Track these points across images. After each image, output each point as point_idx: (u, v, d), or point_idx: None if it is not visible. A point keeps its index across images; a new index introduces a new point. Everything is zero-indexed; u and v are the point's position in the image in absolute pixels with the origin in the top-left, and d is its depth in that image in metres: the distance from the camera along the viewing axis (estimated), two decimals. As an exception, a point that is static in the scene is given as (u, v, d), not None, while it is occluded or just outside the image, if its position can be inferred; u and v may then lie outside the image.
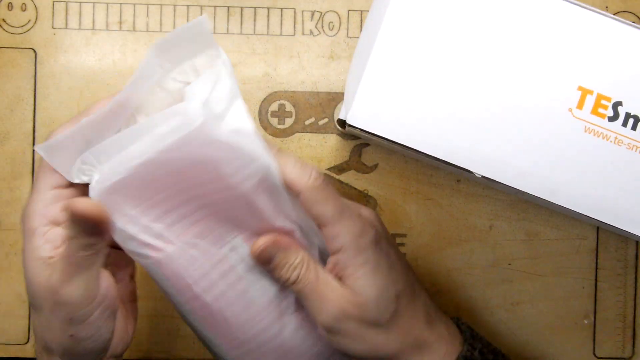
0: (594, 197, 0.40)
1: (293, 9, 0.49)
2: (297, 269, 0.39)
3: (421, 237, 0.49)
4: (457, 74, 0.40)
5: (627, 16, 0.48)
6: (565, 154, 0.40)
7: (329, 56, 0.49)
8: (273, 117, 0.49)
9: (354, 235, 0.38)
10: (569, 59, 0.40)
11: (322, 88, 0.49)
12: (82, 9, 0.49)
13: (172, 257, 0.38)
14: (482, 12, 0.40)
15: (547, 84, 0.40)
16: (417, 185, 0.49)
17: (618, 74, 0.40)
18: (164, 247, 0.38)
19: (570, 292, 0.49)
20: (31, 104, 0.49)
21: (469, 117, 0.40)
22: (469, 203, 0.49)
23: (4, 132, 0.49)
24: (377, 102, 0.40)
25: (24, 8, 0.49)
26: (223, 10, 0.49)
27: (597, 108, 0.40)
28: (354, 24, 0.49)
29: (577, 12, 0.40)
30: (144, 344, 0.49)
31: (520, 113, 0.40)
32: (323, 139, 0.49)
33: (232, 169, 0.37)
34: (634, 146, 0.40)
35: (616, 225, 0.40)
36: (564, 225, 0.49)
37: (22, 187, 0.49)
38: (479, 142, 0.40)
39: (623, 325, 0.50)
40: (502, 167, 0.40)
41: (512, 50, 0.40)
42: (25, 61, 0.49)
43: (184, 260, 0.38)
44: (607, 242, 0.50)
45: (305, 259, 0.39)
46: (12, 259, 0.49)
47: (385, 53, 0.40)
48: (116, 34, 0.49)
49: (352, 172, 0.50)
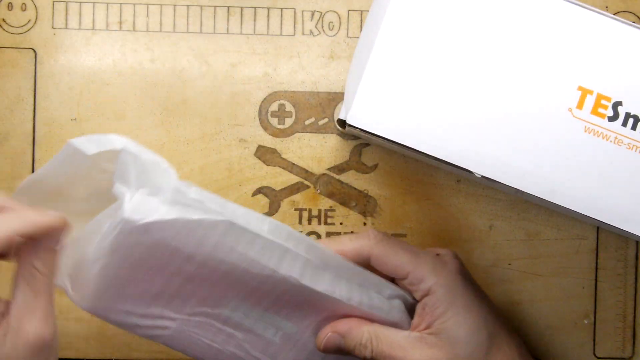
0: (594, 197, 0.40)
1: (293, 9, 0.49)
2: (367, 346, 0.39)
3: (421, 237, 0.49)
4: (457, 74, 0.40)
5: (627, 16, 0.48)
6: (565, 153, 0.40)
7: (329, 56, 0.49)
8: (273, 117, 0.49)
9: (438, 273, 0.38)
10: (569, 59, 0.40)
11: (322, 88, 0.49)
12: (82, 9, 0.49)
13: (179, 330, 0.39)
14: (482, 12, 0.40)
15: (547, 83, 0.40)
16: (417, 185, 0.49)
17: (618, 74, 0.40)
18: (170, 324, 0.39)
19: (570, 292, 0.49)
20: (31, 104, 0.49)
21: (469, 117, 0.40)
22: (469, 203, 0.49)
23: (4, 132, 0.49)
24: (377, 102, 0.40)
25: (24, 8, 0.49)
26: (223, 10, 0.49)
27: (597, 108, 0.40)
28: (354, 24, 0.49)
29: (577, 12, 0.40)
30: (144, 344, 0.49)
31: (520, 113, 0.40)
32: (323, 139, 0.49)
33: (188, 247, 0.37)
34: (634, 146, 0.40)
35: (616, 225, 0.40)
36: (564, 225, 0.49)
37: (22, 187, 0.49)
38: (479, 142, 0.40)
39: (623, 325, 0.50)
40: (502, 167, 0.40)
41: (512, 50, 0.40)
42: (25, 61, 0.49)
43: (191, 330, 0.40)
44: (607, 242, 0.50)
45: (372, 333, 0.39)
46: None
47: (385, 53, 0.40)
48: (116, 34, 0.49)
49: (352, 172, 0.50)
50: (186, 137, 0.49)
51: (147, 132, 0.49)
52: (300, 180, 0.50)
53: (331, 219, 0.50)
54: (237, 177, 0.49)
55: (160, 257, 0.36)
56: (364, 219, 0.50)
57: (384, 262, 0.39)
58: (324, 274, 0.39)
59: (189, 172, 0.49)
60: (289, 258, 0.38)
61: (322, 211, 0.50)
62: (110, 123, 0.49)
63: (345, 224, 0.50)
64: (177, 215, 0.35)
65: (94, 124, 0.49)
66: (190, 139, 0.49)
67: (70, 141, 0.36)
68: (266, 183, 0.50)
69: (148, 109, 0.49)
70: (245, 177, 0.49)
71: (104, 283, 0.37)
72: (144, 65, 0.49)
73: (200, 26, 0.49)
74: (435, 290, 0.38)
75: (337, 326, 0.39)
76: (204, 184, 0.49)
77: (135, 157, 0.35)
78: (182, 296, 0.39)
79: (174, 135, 0.49)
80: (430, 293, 0.38)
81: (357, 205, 0.50)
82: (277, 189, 0.50)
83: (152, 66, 0.49)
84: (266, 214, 0.50)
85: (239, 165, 0.49)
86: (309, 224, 0.50)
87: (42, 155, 0.49)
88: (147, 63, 0.49)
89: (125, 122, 0.49)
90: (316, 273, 0.39)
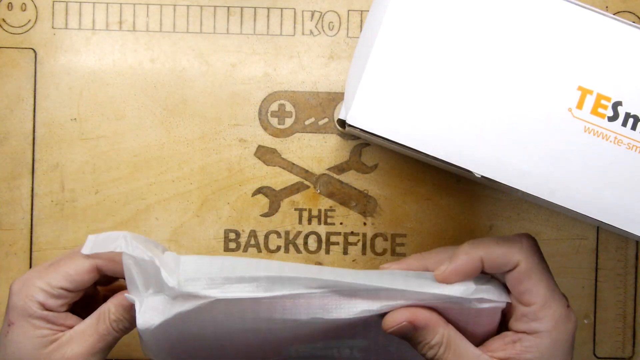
0: (594, 197, 0.40)
1: (293, 9, 0.49)
2: (433, 349, 0.37)
3: (421, 237, 0.49)
4: (457, 74, 0.40)
5: (627, 16, 0.48)
6: (565, 154, 0.40)
7: (329, 56, 0.49)
8: (273, 117, 0.49)
9: (559, 329, 0.36)
10: (569, 59, 0.40)
11: (322, 88, 0.49)
12: (82, 9, 0.49)
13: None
14: (482, 12, 0.40)
15: (547, 83, 0.40)
16: (417, 185, 0.49)
17: (618, 74, 0.40)
18: None
19: (570, 292, 0.49)
20: (31, 104, 0.49)
21: (468, 117, 0.40)
22: (469, 203, 0.49)
23: (4, 132, 0.49)
24: (377, 102, 0.40)
25: (24, 8, 0.49)
26: (223, 10, 0.49)
27: (597, 108, 0.40)
28: (354, 24, 0.49)
29: (577, 12, 0.40)
30: (144, 344, 0.50)
31: (520, 113, 0.40)
32: (323, 139, 0.49)
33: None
34: (633, 146, 0.40)
35: (616, 225, 0.40)
36: (564, 225, 0.49)
37: (22, 187, 0.49)
38: (479, 142, 0.40)
39: (623, 325, 0.50)
40: (502, 167, 0.40)
41: (512, 50, 0.40)
42: (25, 61, 0.49)
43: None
44: (607, 242, 0.49)
45: (445, 338, 0.37)
46: (12, 259, 0.49)
47: (385, 53, 0.40)
48: (116, 34, 0.49)
49: (352, 172, 0.50)
50: (186, 137, 0.49)
51: (147, 132, 0.49)
52: (300, 180, 0.50)
53: (331, 219, 0.50)
54: (237, 177, 0.49)
55: (187, 342, 0.40)
56: (364, 219, 0.50)
57: (519, 281, 0.36)
58: (350, 297, 0.39)
59: (189, 172, 0.49)
60: (302, 301, 0.38)
61: (322, 211, 0.50)
62: (110, 123, 0.49)
63: (345, 224, 0.50)
64: (178, 310, 0.38)
65: (94, 124, 0.49)
66: (190, 139, 0.49)
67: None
68: (266, 183, 0.50)
69: (148, 109, 0.49)
70: (245, 177, 0.49)
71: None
72: (144, 65, 0.49)
73: (200, 26, 0.49)
74: (544, 338, 0.36)
75: (415, 316, 0.37)
76: (204, 183, 0.49)
77: (135, 260, 0.38)
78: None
79: (174, 135, 0.49)
80: (538, 335, 0.36)
81: (357, 205, 0.50)
82: (277, 189, 0.50)
83: (152, 66, 0.49)
84: (266, 214, 0.50)
85: (239, 165, 0.49)
86: (309, 224, 0.50)
87: (42, 156, 0.49)
88: (147, 63, 0.49)
89: (125, 122, 0.49)
90: (342, 300, 0.38)
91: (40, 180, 0.49)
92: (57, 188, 0.49)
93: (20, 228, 0.49)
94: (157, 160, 0.49)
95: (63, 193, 0.49)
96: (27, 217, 0.49)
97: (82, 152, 0.49)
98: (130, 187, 0.49)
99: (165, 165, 0.49)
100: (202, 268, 0.38)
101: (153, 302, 0.38)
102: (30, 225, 0.49)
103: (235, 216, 0.50)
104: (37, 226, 0.49)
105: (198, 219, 0.49)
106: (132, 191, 0.49)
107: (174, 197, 0.49)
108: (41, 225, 0.49)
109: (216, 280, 0.38)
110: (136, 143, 0.49)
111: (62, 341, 0.39)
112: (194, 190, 0.49)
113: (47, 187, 0.49)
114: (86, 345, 0.39)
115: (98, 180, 0.49)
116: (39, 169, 0.49)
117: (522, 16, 0.40)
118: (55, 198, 0.49)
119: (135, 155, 0.49)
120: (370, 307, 0.38)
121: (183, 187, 0.49)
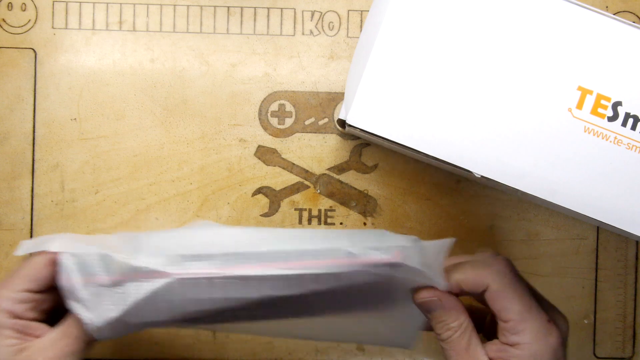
0: (594, 197, 0.40)
1: (293, 9, 0.49)
2: (450, 331, 0.40)
3: (421, 237, 0.49)
4: (457, 74, 0.40)
5: (627, 16, 0.48)
6: (565, 154, 0.40)
7: (329, 56, 0.49)
8: (273, 117, 0.49)
9: (540, 341, 0.38)
10: (569, 59, 0.40)
11: (322, 88, 0.49)
12: (82, 9, 0.49)
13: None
14: (482, 12, 0.40)
15: (547, 83, 0.40)
16: (417, 185, 0.49)
17: (618, 74, 0.40)
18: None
19: (570, 292, 0.49)
20: (31, 104, 0.49)
21: (468, 117, 0.40)
22: (469, 203, 0.49)
23: (4, 132, 0.49)
24: (377, 102, 0.40)
25: (24, 8, 0.49)
26: (223, 10, 0.49)
27: (597, 108, 0.40)
28: (354, 24, 0.49)
29: (577, 12, 0.40)
30: (144, 344, 0.49)
31: (520, 113, 0.40)
32: (323, 139, 0.49)
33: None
34: (633, 146, 0.40)
35: (616, 225, 0.40)
36: (564, 225, 0.49)
37: (21, 187, 0.49)
38: (479, 142, 0.40)
39: (623, 325, 0.50)
40: (502, 167, 0.40)
41: (512, 50, 0.40)
42: (25, 61, 0.49)
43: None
44: (607, 242, 0.50)
45: (463, 326, 0.40)
46: (12, 259, 0.49)
47: (385, 53, 0.40)
48: (116, 34, 0.49)
49: (352, 172, 0.50)
50: (186, 137, 0.49)
51: (147, 132, 0.49)
52: (300, 180, 0.50)
53: (331, 219, 0.50)
54: (237, 177, 0.49)
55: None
56: (364, 219, 0.50)
57: (494, 299, 0.39)
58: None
59: (189, 172, 0.49)
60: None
61: (322, 211, 0.50)
62: (110, 123, 0.49)
63: (345, 224, 0.50)
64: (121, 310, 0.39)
65: (94, 124, 0.49)
66: (190, 139, 0.49)
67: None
68: (266, 183, 0.50)
69: (148, 109, 0.49)
70: (245, 177, 0.49)
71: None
72: (144, 65, 0.49)
73: (200, 26, 0.49)
74: (524, 349, 0.38)
75: (446, 299, 0.40)
76: (204, 183, 0.49)
77: (77, 257, 0.39)
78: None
79: (173, 135, 0.49)
80: (518, 347, 0.38)
81: (357, 205, 0.50)
82: (277, 189, 0.50)
83: (152, 66, 0.49)
84: (266, 214, 0.50)
85: (239, 165, 0.49)
86: (309, 223, 0.50)
87: (42, 155, 0.49)
88: (147, 63, 0.49)
89: (125, 122, 0.49)
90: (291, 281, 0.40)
91: (40, 180, 0.49)
92: (57, 188, 0.49)
93: (20, 228, 0.49)
94: (157, 160, 0.49)
95: (63, 193, 0.49)
96: (27, 217, 0.49)
97: (82, 152, 0.49)
98: (130, 187, 0.49)
99: (165, 165, 0.49)
100: (161, 243, 0.39)
101: (97, 305, 0.39)
102: (30, 226, 0.49)
103: (235, 216, 0.50)
104: (37, 226, 0.49)
105: (198, 219, 0.49)
106: (132, 191, 0.49)
107: (174, 197, 0.49)
108: (41, 225, 0.49)
109: (173, 258, 0.39)
110: (136, 143, 0.49)
111: (33, 349, 0.39)
112: (194, 190, 0.49)
113: (47, 187, 0.49)
114: (56, 351, 0.39)
115: (98, 180, 0.49)
116: (39, 169, 0.49)
117: (522, 16, 0.40)
118: (55, 198, 0.49)
119: (135, 155, 0.49)
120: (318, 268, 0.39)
121: (183, 187, 0.49)
